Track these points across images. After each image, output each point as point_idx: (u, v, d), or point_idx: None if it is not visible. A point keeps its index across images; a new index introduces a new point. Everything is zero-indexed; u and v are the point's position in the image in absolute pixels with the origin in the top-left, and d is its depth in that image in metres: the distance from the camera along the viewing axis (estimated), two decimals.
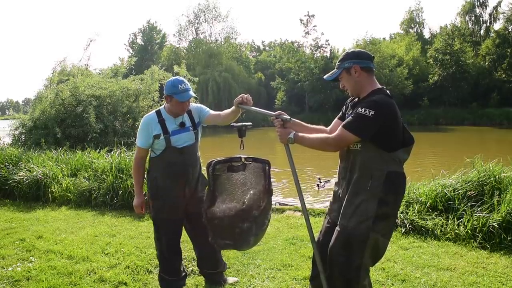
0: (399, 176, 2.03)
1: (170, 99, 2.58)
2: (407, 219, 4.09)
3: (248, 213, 2.24)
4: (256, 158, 2.33)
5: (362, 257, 2.00)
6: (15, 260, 3.52)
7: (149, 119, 2.64)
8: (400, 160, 2.02)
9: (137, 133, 2.74)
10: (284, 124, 2.20)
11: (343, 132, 1.97)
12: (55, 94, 9.07)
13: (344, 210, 2.04)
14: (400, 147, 2.00)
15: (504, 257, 3.43)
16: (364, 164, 2.00)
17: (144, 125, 2.64)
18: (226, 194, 2.27)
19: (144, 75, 10.23)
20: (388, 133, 1.95)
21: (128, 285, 3.01)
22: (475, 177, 4.35)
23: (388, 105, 1.96)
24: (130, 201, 5.22)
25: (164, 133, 2.59)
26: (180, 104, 2.57)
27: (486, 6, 37.39)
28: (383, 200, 1.97)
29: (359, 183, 2.01)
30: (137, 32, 49.82)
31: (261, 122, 27.49)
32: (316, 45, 37.46)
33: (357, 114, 1.94)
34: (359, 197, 2.00)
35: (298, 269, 3.24)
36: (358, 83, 2.08)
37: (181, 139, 2.64)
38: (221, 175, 2.26)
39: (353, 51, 2.13)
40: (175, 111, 2.62)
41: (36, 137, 8.51)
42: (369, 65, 2.07)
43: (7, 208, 5.51)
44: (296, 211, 5.07)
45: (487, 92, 31.75)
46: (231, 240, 2.29)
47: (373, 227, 1.97)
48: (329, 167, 10.19)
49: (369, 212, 1.97)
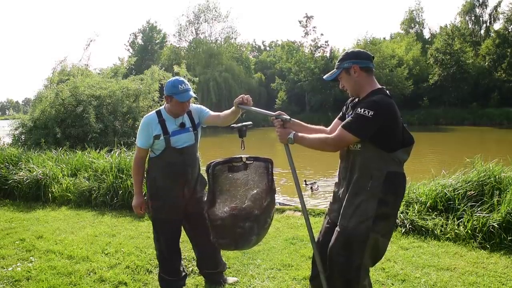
0: (399, 176, 2.03)
1: (170, 99, 2.58)
2: (407, 219, 4.09)
3: (250, 212, 2.24)
4: (258, 157, 2.33)
5: (362, 257, 2.00)
6: (15, 260, 3.52)
7: (149, 120, 2.64)
8: (400, 160, 2.02)
9: (137, 133, 2.73)
10: (284, 124, 2.20)
11: (343, 132, 1.98)
12: (55, 94, 9.06)
13: (344, 210, 2.04)
14: (400, 148, 2.00)
15: (504, 257, 3.43)
16: (364, 164, 2.00)
17: (144, 125, 2.64)
18: (227, 194, 2.27)
19: (144, 75, 10.22)
20: (388, 133, 1.95)
21: (128, 285, 3.01)
22: (475, 177, 4.35)
23: (388, 105, 1.96)
24: (130, 201, 5.18)
25: (164, 133, 2.59)
26: (180, 104, 2.57)
27: (486, 6, 37.42)
28: (383, 200, 1.97)
29: (359, 183, 2.01)
30: (137, 32, 49.86)
31: (261, 122, 27.50)
32: (315, 45, 37.50)
33: (357, 115, 1.94)
34: (359, 197, 2.00)
35: (298, 269, 3.24)
36: (357, 83, 2.08)
37: (181, 140, 2.64)
38: (221, 176, 2.25)
39: (352, 51, 2.13)
40: (175, 111, 2.62)
41: (36, 137, 8.51)
42: (369, 65, 2.07)
43: (7, 208, 5.51)
44: (296, 211, 5.07)
45: (487, 92, 31.76)
46: (233, 239, 2.28)
47: (373, 227, 1.97)
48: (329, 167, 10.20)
49: (369, 212, 1.97)
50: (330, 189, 3.59)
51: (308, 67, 35.55)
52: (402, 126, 2.00)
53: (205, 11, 43.69)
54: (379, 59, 30.98)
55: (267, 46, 54.91)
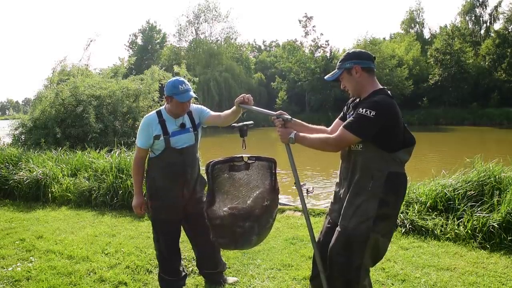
0: (400, 176, 2.03)
1: (170, 99, 2.57)
2: (407, 219, 4.09)
3: (250, 212, 2.24)
4: (260, 157, 2.31)
5: (362, 257, 2.00)
6: (15, 260, 3.52)
7: (149, 120, 2.63)
8: (401, 160, 2.02)
9: (137, 133, 2.73)
10: (285, 124, 2.20)
11: (344, 132, 1.97)
12: (55, 94, 9.06)
13: (345, 210, 2.04)
14: (401, 148, 2.00)
15: (504, 257, 3.43)
16: (365, 164, 2.00)
17: (144, 125, 2.63)
18: (227, 194, 2.26)
19: (144, 75, 10.22)
20: (389, 133, 1.95)
21: (128, 285, 3.01)
22: (475, 177, 4.35)
23: (389, 105, 1.96)
24: (130, 201, 5.19)
25: (164, 134, 2.58)
26: (181, 104, 2.56)
27: (486, 6, 37.43)
28: (384, 200, 1.97)
29: (360, 184, 2.01)
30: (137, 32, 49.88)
31: (261, 122, 27.50)
32: (315, 45, 37.50)
33: (358, 115, 1.93)
34: (359, 198, 2.00)
35: (298, 269, 3.24)
36: (359, 84, 2.08)
37: (181, 140, 2.63)
38: (220, 175, 2.24)
39: (354, 51, 2.13)
40: (176, 111, 2.61)
41: (36, 137, 8.50)
42: (370, 66, 2.07)
43: (7, 208, 5.51)
44: (296, 211, 5.07)
45: (487, 92, 31.77)
46: (232, 239, 2.27)
47: (374, 227, 1.97)
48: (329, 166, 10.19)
49: (369, 212, 1.97)
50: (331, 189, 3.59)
51: (308, 67, 35.53)
52: (404, 127, 2.00)
53: (205, 11, 43.73)
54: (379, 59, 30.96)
55: (267, 46, 54.92)
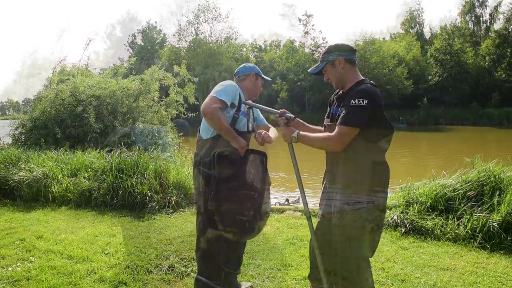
0: (383, 164, 2.06)
1: (256, 77, 2.59)
2: (407, 219, 4.09)
3: (252, 201, 2.31)
4: (253, 150, 2.41)
5: (359, 247, 2.01)
6: (15, 260, 3.52)
7: (237, 88, 2.47)
8: (383, 149, 2.05)
9: (217, 89, 2.41)
10: (288, 122, 2.21)
11: (343, 128, 1.97)
12: (55, 94, 9.07)
13: (334, 202, 2.06)
14: (383, 137, 2.03)
15: (504, 257, 3.43)
16: (350, 155, 2.02)
17: (234, 88, 2.43)
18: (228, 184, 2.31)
19: (144, 75, 10.22)
20: (376, 121, 1.97)
21: (128, 285, 3.01)
22: (475, 177, 4.35)
23: (377, 93, 2.00)
24: (130, 201, 5.23)
25: (237, 109, 2.45)
26: (260, 86, 2.60)
27: (486, 6, 37.47)
28: (371, 189, 1.99)
29: (347, 174, 2.03)
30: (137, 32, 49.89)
31: None
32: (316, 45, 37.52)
33: (351, 106, 1.94)
34: (348, 189, 2.02)
35: (298, 269, 3.24)
36: (342, 75, 2.12)
37: (241, 122, 2.51)
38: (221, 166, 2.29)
39: (336, 44, 2.17)
40: (255, 91, 2.61)
41: (36, 137, 8.49)
42: (352, 57, 2.13)
43: (7, 208, 5.50)
44: (296, 211, 5.07)
45: (487, 92, 31.80)
46: (238, 228, 2.33)
47: (366, 216, 1.98)
48: None
49: (359, 202, 1.98)
50: None
51: (308, 67, 35.53)
52: (384, 115, 2.03)
53: (205, 11, 43.75)
54: (379, 59, 30.99)
55: (268, 46, 54.91)
